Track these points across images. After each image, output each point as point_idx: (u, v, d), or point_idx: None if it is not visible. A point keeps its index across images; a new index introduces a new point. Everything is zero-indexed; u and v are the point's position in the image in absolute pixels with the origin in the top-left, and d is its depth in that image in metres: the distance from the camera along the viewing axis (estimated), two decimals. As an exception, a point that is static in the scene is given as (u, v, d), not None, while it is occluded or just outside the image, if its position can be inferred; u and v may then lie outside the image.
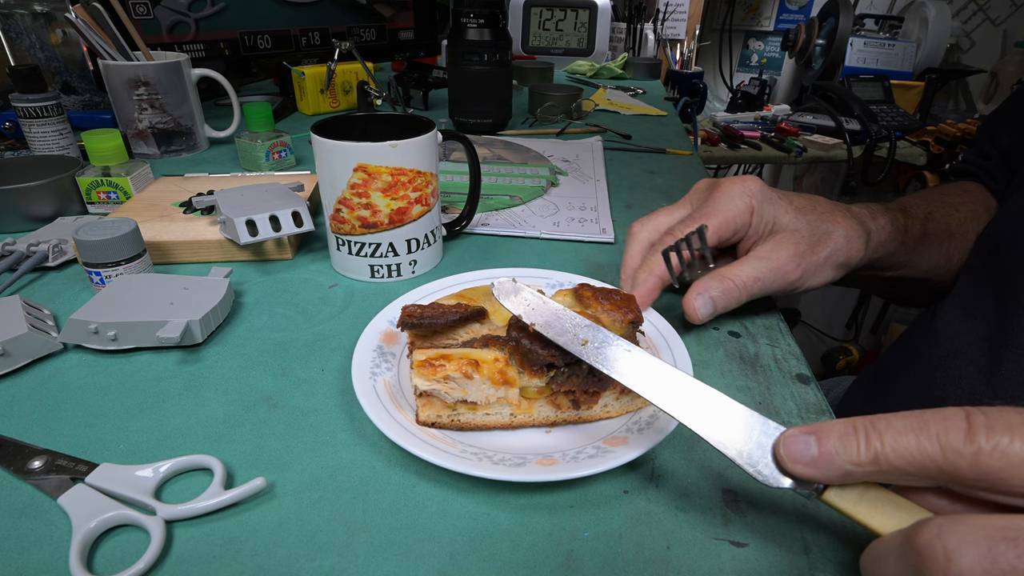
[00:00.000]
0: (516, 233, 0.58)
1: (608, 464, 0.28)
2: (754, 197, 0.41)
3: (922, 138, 1.40)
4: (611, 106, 1.10)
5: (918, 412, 0.22)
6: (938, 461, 0.20)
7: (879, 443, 0.21)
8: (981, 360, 0.40)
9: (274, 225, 0.49)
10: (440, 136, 0.49)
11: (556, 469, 0.28)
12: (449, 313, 0.34)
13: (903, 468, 0.21)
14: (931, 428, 0.21)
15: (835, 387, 0.68)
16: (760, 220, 0.41)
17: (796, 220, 0.41)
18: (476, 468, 0.28)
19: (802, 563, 0.26)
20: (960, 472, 0.20)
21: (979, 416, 0.20)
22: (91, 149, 0.58)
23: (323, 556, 0.27)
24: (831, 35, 1.57)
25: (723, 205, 0.41)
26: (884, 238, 0.44)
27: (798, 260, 0.40)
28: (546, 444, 0.32)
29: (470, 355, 0.32)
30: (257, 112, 0.70)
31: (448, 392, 0.31)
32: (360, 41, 1.04)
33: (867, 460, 0.22)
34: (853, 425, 0.22)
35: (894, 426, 0.22)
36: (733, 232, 0.42)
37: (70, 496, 0.28)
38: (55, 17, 0.84)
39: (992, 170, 0.55)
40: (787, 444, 0.23)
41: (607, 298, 0.35)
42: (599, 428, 0.33)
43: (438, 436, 0.32)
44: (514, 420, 0.33)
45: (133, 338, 0.39)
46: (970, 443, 0.20)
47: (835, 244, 0.41)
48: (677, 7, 1.76)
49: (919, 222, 0.47)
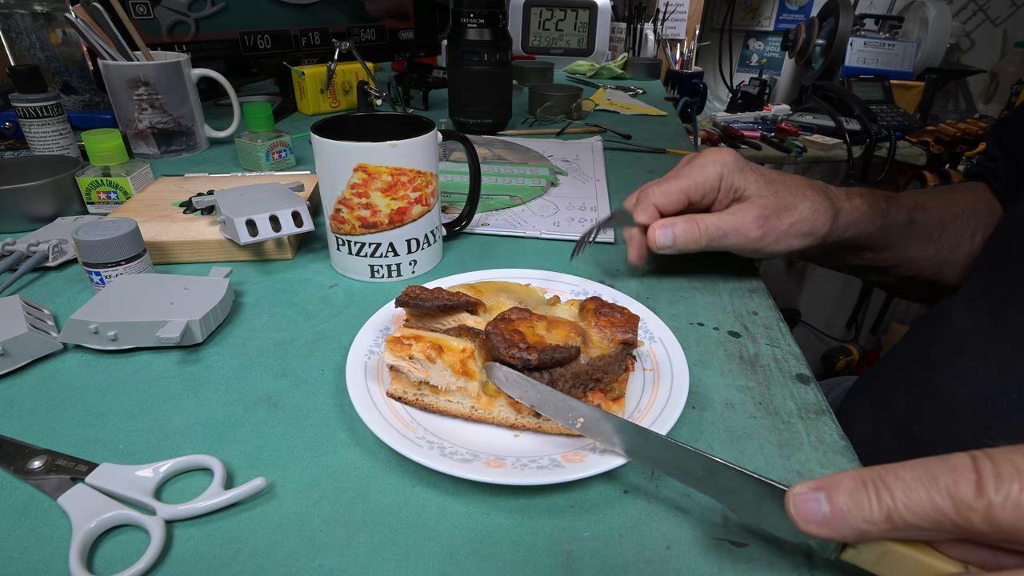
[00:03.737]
0: (516, 233, 0.58)
1: (555, 478, 0.28)
2: (725, 166, 0.44)
3: (922, 138, 1.40)
4: (611, 106, 1.10)
5: (926, 461, 0.21)
6: (952, 517, 0.20)
7: (890, 500, 0.21)
8: (990, 359, 0.40)
9: (274, 225, 0.49)
10: (440, 136, 0.49)
11: (501, 473, 0.28)
12: (442, 298, 0.36)
13: (918, 525, 0.21)
14: (940, 481, 0.20)
15: (835, 387, 0.68)
16: (730, 187, 0.44)
17: (764, 188, 0.44)
18: (426, 457, 0.29)
19: (802, 563, 0.26)
20: (975, 527, 0.20)
21: (986, 463, 0.20)
22: (91, 149, 0.58)
23: (323, 556, 0.27)
24: (831, 35, 1.57)
25: (695, 170, 0.45)
26: (857, 217, 0.46)
27: (761, 222, 0.43)
28: (513, 446, 0.32)
29: (438, 340, 0.33)
30: (257, 112, 0.70)
31: (411, 371, 0.33)
32: (360, 41, 1.04)
33: (880, 519, 0.21)
34: (862, 479, 0.22)
35: (903, 479, 0.21)
36: (702, 195, 0.45)
37: (70, 496, 0.28)
38: (55, 17, 0.84)
39: (997, 171, 0.55)
40: (797, 503, 0.23)
41: (607, 314, 0.35)
42: (565, 441, 0.32)
43: (406, 421, 0.32)
44: (474, 413, 0.33)
45: (133, 338, 0.39)
46: (980, 496, 0.19)
47: (800, 214, 0.44)
48: (677, 7, 1.76)
49: (905, 210, 0.49)
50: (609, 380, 0.32)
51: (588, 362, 0.32)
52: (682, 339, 0.39)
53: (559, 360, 0.32)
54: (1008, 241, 0.45)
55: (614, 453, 0.29)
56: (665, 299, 0.47)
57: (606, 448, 0.30)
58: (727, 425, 0.34)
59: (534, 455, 0.30)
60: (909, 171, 1.41)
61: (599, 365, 0.32)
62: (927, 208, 0.50)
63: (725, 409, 0.35)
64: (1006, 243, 0.45)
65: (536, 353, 0.31)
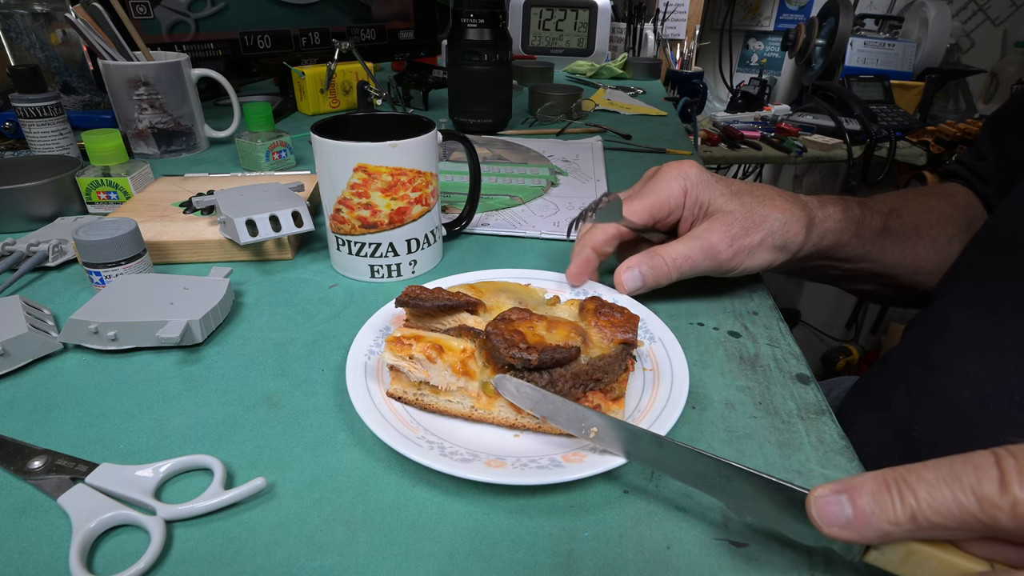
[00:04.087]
0: (516, 233, 0.58)
1: (555, 478, 0.28)
2: (688, 180, 0.43)
3: (922, 138, 1.40)
4: (611, 106, 1.10)
5: (947, 460, 0.21)
6: (977, 515, 0.20)
7: (914, 500, 0.21)
8: (991, 359, 0.40)
9: (274, 225, 0.49)
10: (440, 136, 0.49)
11: (501, 473, 0.28)
12: (442, 298, 0.36)
13: (944, 524, 0.21)
14: (963, 479, 0.20)
15: (835, 387, 0.68)
16: (695, 202, 0.43)
17: (731, 203, 0.42)
18: (426, 457, 0.29)
19: (802, 563, 0.26)
20: (1001, 524, 0.20)
21: (1009, 460, 0.20)
22: (91, 149, 0.58)
23: (323, 556, 0.27)
24: (831, 35, 1.57)
25: (658, 186, 0.43)
26: (832, 226, 0.44)
27: (730, 241, 0.41)
28: (513, 446, 0.32)
29: (439, 340, 0.33)
30: (257, 112, 0.70)
31: (412, 371, 0.33)
32: (360, 41, 1.04)
33: (905, 519, 0.21)
34: (884, 480, 0.22)
35: (926, 479, 0.21)
36: (668, 212, 0.43)
37: (70, 496, 0.28)
38: (55, 17, 0.84)
39: (984, 171, 0.55)
40: (819, 506, 0.23)
41: (607, 314, 0.35)
42: (565, 441, 0.32)
43: (406, 421, 0.32)
44: (474, 413, 0.33)
45: (133, 338, 0.39)
46: (1005, 494, 0.19)
47: (770, 227, 0.42)
48: (677, 7, 1.76)
49: (880, 216, 0.48)
50: (609, 380, 0.32)
51: (588, 362, 0.32)
52: (682, 339, 0.39)
53: (559, 360, 0.32)
54: (1006, 239, 0.45)
55: (621, 456, 0.29)
56: (665, 299, 0.47)
57: (613, 452, 0.29)
58: (727, 425, 0.34)
59: (534, 455, 0.30)
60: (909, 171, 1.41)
61: (599, 365, 0.32)
62: (902, 214, 0.50)
63: (725, 409, 0.35)
64: (1004, 241, 0.45)
65: (536, 353, 0.31)
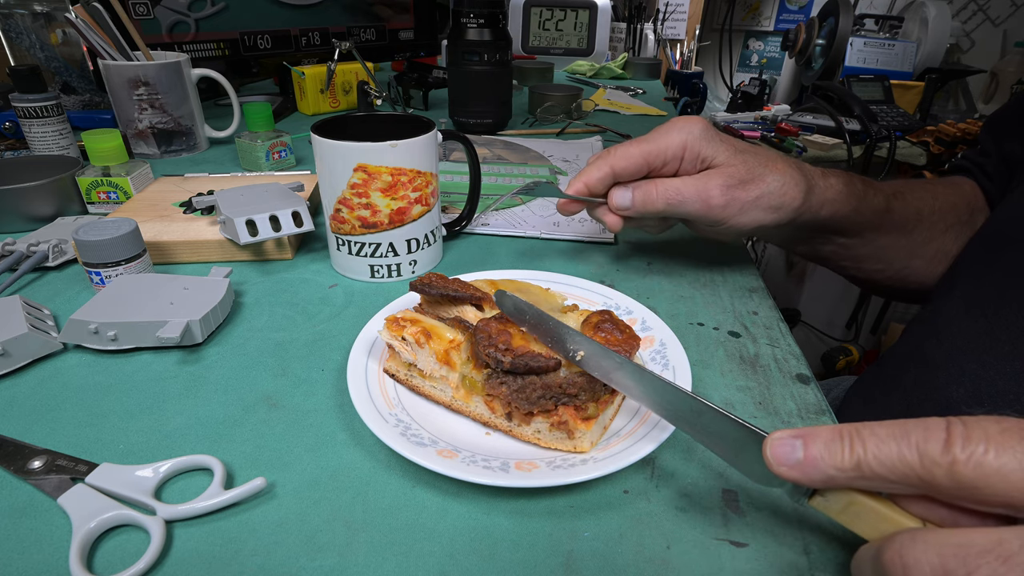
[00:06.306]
0: (516, 233, 0.58)
1: (556, 480, 0.28)
2: (691, 134, 0.43)
3: (922, 138, 1.40)
4: (611, 106, 1.10)
5: (903, 421, 0.22)
6: (917, 470, 0.21)
7: (862, 450, 0.22)
8: (987, 359, 0.40)
9: (274, 225, 0.49)
10: (440, 136, 0.49)
11: (501, 474, 0.28)
12: (448, 288, 0.37)
13: (884, 475, 0.22)
14: (911, 437, 0.21)
15: (835, 387, 0.68)
16: (696, 155, 0.43)
17: (733, 158, 0.43)
18: (426, 458, 0.29)
19: (802, 563, 0.26)
20: (937, 481, 0.21)
21: (958, 426, 0.21)
22: (91, 149, 0.58)
23: (323, 556, 0.27)
24: (831, 35, 1.57)
25: (659, 135, 0.44)
26: (831, 196, 0.44)
27: (724, 190, 0.42)
28: (515, 449, 0.32)
29: (431, 327, 0.34)
30: (257, 112, 0.70)
31: (402, 351, 0.34)
32: (360, 41, 1.04)
33: (850, 466, 0.22)
34: (839, 431, 0.23)
35: (877, 434, 0.22)
36: (663, 162, 0.43)
37: (70, 496, 0.28)
38: (55, 17, 0.84)
39: (988, 168, 0.55)
40: (774, 446, 0.24)
41: (607, 331, 0.34)
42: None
43: (406, 421, 0.33)
44: (453, 403, 0.34)
45: (133, 338, 0.39)
46: (946, 453, 0.20)
47: (767, 186, 0.42)
48: (677, 7, 1.76)
49: (883, 196, 0.48)
50: (586, 399, 0.31)
51: (566, 376, 0.31)
52: (682, 339, 0.39)
53: (533, 369, 0.31)
54: (1004, 239, 0.45)
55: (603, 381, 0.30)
56: (665, 299, 0.47)
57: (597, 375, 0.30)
58: (727, 425, 0.34)
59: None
60: (909, 171, 1.41)
61: (577, 382, 0.31)
62: (906, 197, 0.50)
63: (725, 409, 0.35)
64: (1002, 241, 0.45)
65: (511, 356, 0.31)
